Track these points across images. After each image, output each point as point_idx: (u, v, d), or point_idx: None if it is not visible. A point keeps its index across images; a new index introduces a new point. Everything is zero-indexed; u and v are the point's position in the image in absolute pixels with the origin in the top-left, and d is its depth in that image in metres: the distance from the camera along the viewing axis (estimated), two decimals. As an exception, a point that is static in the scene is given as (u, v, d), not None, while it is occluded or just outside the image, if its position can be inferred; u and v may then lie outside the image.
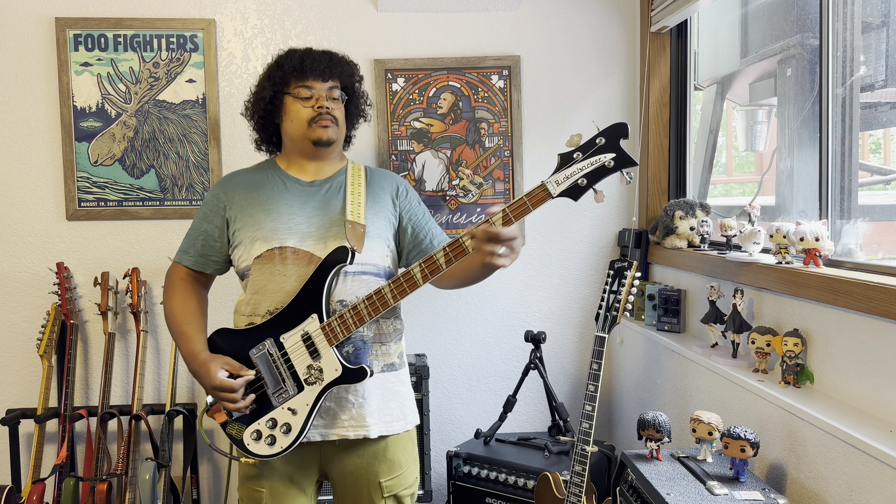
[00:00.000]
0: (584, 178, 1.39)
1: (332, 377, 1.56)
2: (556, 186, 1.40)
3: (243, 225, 1.67)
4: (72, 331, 2.59)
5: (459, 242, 1.47)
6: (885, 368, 1.51)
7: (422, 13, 2.79)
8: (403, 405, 1.72)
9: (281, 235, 1.63)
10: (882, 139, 2.04)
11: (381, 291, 1.53)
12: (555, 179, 1.40)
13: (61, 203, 2.70)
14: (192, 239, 1.74)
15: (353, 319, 1.54)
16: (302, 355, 1.56)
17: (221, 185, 1.75)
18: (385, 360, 1.68)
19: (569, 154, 1.40)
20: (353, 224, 1.63)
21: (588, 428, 1.93)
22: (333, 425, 1.63)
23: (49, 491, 2.58)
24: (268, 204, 1.67)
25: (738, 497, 1.57)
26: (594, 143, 1.38)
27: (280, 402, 1.58)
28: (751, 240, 1.98)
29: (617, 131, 1.37)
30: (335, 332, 1.55)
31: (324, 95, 1.67)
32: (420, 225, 1.75)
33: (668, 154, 2.79)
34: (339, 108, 1.71)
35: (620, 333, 2.81)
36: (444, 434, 2.90)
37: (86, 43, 2.67)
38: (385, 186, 1.76)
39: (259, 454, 1.60)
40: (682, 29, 2.74)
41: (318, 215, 1.66)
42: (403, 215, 1.75)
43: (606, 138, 1.38)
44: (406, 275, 1.52)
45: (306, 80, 1.66)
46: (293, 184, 1.71)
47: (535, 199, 1.42)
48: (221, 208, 1.71)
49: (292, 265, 1.61)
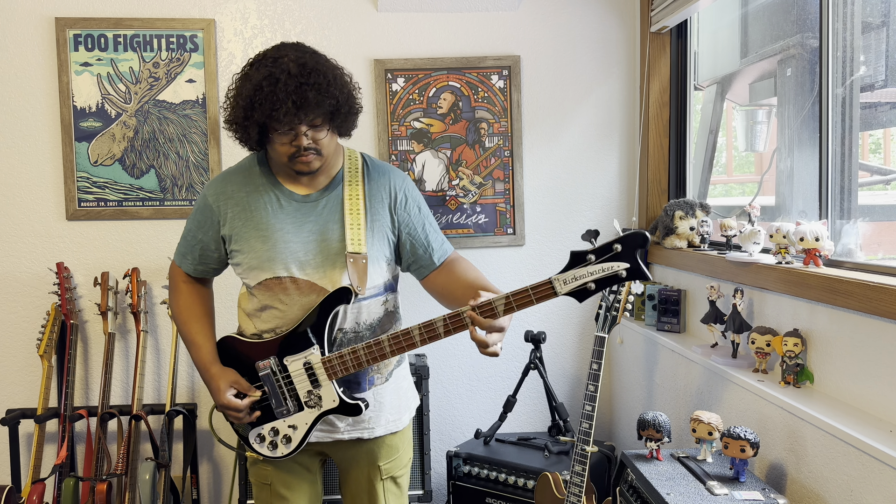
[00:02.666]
0: (595, 283, 1.35)
1: (330, 406, 1.60)
2: (562, 286, 1.36)
3: (240, 249, 1.64)
4: (72, 331, 2.59)
5: (461, 317, 1.45)
6: (885, 368, 1.51)
7: (422, 13, 2.79)
8: (407, 397, 1.78)
9: (277, 267, 1.60)
10: (882, 139, 2.04)
11: (381, 344, 1.55)
12: (563, 278, 1.36)
13: (61, 203, 2.70)
14: (190, 245, 1.72)
15: (352, 363, 1.57)
16: (303, 381, 1.60)
17: (213, 195, 1.67)
18: (387, 368, 1.71)
19: (582, 254, 1.36)
20: (356, 257, 1.60)
21: (588, 428, 1.93)
22: (332, 431, 1.69)
23: (49, 491, 2.58)
24: (263, 229, 1.61)
25: (738, 497, 1.57)
26: (611, 249, 1.33)
27: (281, 417, 1.63)
28: (751, 240, 1.98)
29: (636, 241, 1.32)
30: (334, 369, 1.58)
31: (303, 132, 1.53)
32: (419, 240, 1.70)
33: (668, 154, 2.79)
34: (323, 136, 1.57)
35: (620, 333, 2.81)
36: (444, 434, 2.90)
37: (86, 43, 2.67)
38: (383, 196, 1.67)
39: (262, 454, 1.67)
40: (682, 29, 2.74)
41: (314, 241, 1.61)
42: (402, 230, 1.69)
43: (624, 246, 1.32)
44: (406, 335, 1.52)
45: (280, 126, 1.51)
46: (287, 200, 1.63)
47: (540, 294, 1.39)
48: (216, 222, 1.66)
49: (295, 294, 1.61)
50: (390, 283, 1.71)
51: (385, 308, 1.69)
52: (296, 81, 1.49)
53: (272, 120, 1.50)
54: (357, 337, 1.63)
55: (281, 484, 1.72)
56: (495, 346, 1.44)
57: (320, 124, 1.55)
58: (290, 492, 1.72)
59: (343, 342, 1.62)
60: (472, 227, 2.84)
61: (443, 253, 1.71)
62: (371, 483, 1.73)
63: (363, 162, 1.71)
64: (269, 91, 1.48)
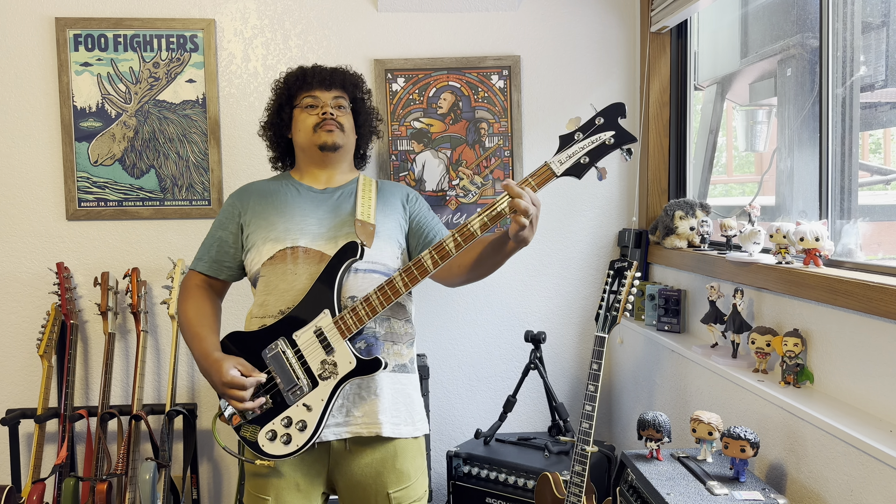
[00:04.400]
0: (587, 155, 1.41)
1: (347, 370, 1.56)
2: (559, 166, 1.43)
3: (256, 227, 1.72)
4: (72, 331, 2.59)
5: (468, 226, 1.50)
6: (885, 368, 1.51)
7: (422, 13, 2.79)
8: (412, 409, 1.72)
9: (293, 235, 1.67)
10: (882, 139, 2.04)
11: (392, 280, 1.54)
12: (557, 159, 1.43)
13: (61, 203, 2.70)
14: (207, 247, 1.79)
15: (366, 311, 1.55)
16: (315, 351, 1.57)
17: (237, 194, 1.81)
18: (397, 360, 1.69)
19: (569, 135, 1.43)
20: (363, 223, 1.68)
21: (588, 428, 1.93)
22: (347, 423, 1.63)
23: (49, 491, 2.58)
24: (281, 207, 1.73)
25: (738, 497, 1.57)
26: (593, 123, 1.42)
27: (294, 399, 1.58)
28: (751, 240, 1.98)
29: (615, 110, 1.41)
30: (348, 325, 1.55)
31: (328, 103, 1.75)
32: (430, 226, 1.80)
33: (668, 154, 2.79)
34: (345, 116, 1.78)
35: (620, 333, 2.81)
36: (444, 434, 2.90)
37: (86, 43, 2.67)
38: (396, 193, 1.82)
39: (274, 454, 1.58)
40: (682, 29, 2.74)
41: (329, 217, 1.71)
42: (413, 218, 1.80)
43: (605, 118, 1.41)
44: (416, 262, 1.53)
45: (310, 91, 1.75)
46: (306, 191, 1.77)
47: (539, 178, 1.44)
48: (236, 215, 1.77)
49: (303, 264, 1.64)
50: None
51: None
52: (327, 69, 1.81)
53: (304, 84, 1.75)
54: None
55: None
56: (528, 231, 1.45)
57: (344, 105, 1.79)
58: None
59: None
60: (472, 227, 2.84)
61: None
62: None
63: (376, 181, 1.86)
64: (299, 72, 1.79)
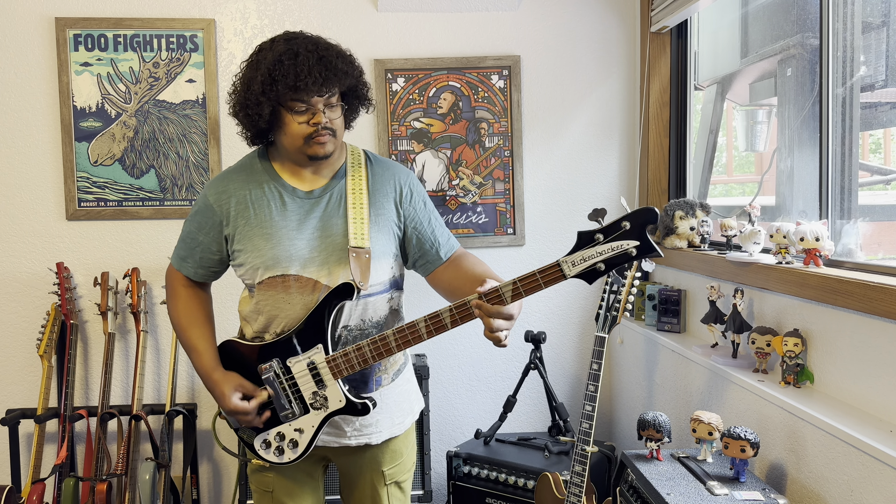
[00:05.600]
0: (604, 263, 1.29)
1: (336, 407, 1.56)
2: (571, 268, 1.32)
3: (243, 248, 1.61)
4: (72, 331, 2.59)
5: (467, 306, 1.41)
6: (885, 368, 1.51)
7: (422, 13, 2.79)
8: (411, 400, 1.75)
9: (283, 264, 1.58)
10: (882, 139, 2.04)
11: (386, 339, 1.50)
12: (571, 260, 1.32)
13: (61, 203, 2.70)
14: (189, 248, 1.69)
15: (358, 360, 1.53)
16: (308, 382, 1.56)
17: (215, 195, 1.63)
18: (393, 368, 1.69)
19: (589, 234, 1.31)
20: (358, 252, 1.57)
21: (588, 428, 1.93)
22: (340, 436, 1.65)
23: (49, 491, 2.58)
24: (266, 227, 1.59)
25: (738, 497, 1.57)
26: (619, 227, 1.28)
27: (286, 420, 1.59)
28: (751, 240, 1.98)
29: (644, 217, 1.26)
30: (340, 369, 1.54)
31: (321, 110, 1.53)
32: (425, 235, 1.68)
33: (668, 154, 2.79)
34: (337, 116, 1.59)
35: (620, 333, 2.81)
36: (444, 434, 2.90)
37: (86, 43, 2.67)
38: (388, 191, 1.65)
39: (268, 460, 1.62)
40: (682, 29, 2.74)
41: (318, 237, 1.59)
42: (408, 224, 1.67)
43: (632, 223, 1.27)
44: (411, 328, 1.48)
45: (301, 97, 1.51)
46: (290, 196, 1.61)
47: (548, 278, 1.34)
48: (217, 223, 1.63)
49: (297, 293, 1.58)
50: (395, 281, 1.68)
51: (390, 306, 1.66)
52: (316, 55, 1.50)
53: (296, 91, 1.49)
54: (363, 335, 1.59)
55: (283, 492, 1.69)
56: (501, 333, 1.38)
57: (336, 103, 1.57)
58: (292, 500, 1.69)
59: (349, 340, 1.59)
60: (473, 227, 2.85)
61: (449, 248, 1.69)
62: (375, 489, 1.70)
63: (366, 157, 1.70)
64: (290, 64, 1.48)
